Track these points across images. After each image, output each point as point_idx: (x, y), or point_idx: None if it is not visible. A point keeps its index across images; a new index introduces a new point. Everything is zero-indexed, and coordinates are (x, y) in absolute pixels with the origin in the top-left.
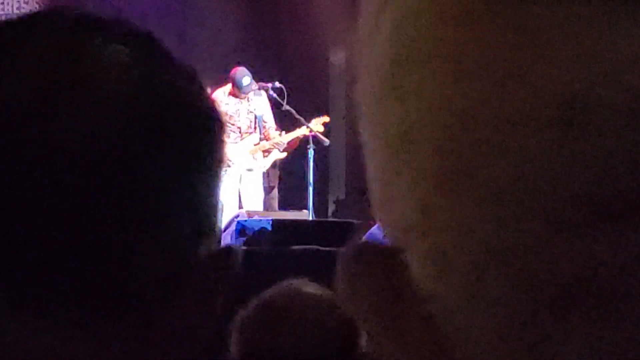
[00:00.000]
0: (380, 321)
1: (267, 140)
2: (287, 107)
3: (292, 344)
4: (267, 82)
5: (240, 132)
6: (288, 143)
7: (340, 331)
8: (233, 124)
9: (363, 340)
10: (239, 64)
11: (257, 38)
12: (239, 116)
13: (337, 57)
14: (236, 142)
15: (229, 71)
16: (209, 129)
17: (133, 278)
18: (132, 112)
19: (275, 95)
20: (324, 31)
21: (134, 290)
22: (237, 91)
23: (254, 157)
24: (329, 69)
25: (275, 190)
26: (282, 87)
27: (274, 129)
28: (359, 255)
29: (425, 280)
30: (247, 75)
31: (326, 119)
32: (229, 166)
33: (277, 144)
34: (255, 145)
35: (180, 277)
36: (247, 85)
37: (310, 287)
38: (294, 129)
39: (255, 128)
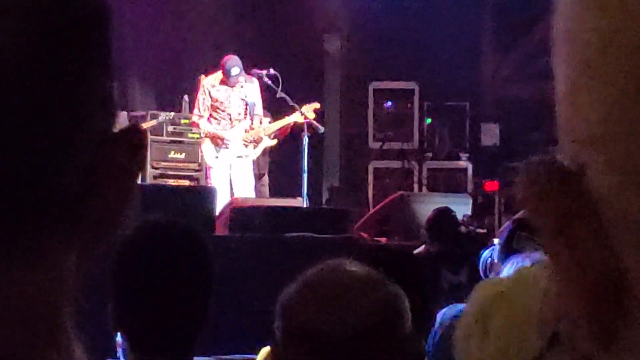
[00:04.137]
0: (556, 223)
1: (250, 129)
2: (282, 94)
3: (336, 322)
4: (262, 69)
5: (230, 119)
6: (278, 130)
7: (385, 310)
8: (223, 111)
9: (408, 319)
10: (234, 52)
11: (252, 25)
12: (229, 103)
13: (332, 45)
14: (226, 129)
15: (222, 58)
16: (104, 19)
17: (56, 177)
18: (29, 14)
19: (269, 82)
20: (319, 19)
21: (59, 188)
22: (227, 79)
23: (244, 144)
24: (323, 57)
25: (266, 177)
26: (277, 74)
27: (258, 119)
28: (541, 171)
29: (606, 190)
30: (237, 65)
31: (317, 105)
32: (226, 147)
33: (256, 137)
34: (246, 132)
35: (97, 163)
36: (235, 75)
37: (353, 266)
38: (287, 116)
39: (246, 115)
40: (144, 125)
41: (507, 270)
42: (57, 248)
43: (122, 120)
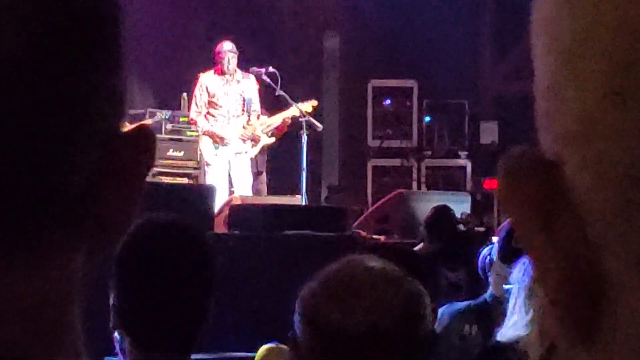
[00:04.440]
0: (535, 218)
1: (248, 125)
2: (281, 92)
3: (360, 318)
4: (261, 67)
5: (227, 115)
6: (276, 128)
7: (406, 306)
8: (221, 107)
9: (429, 316)
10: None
11: (251, 23)
12: (226, 98)
13: (331, 43)
14: (223, 126)
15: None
16: (112, 17)
17: (59, 176)
18: (31, 11)
19: (268, 80)
20: (318, 16)
21: (62, 188)
22: (220, 61)
23: (242, 140)
24: (322, 54)
25: (264, 175)
26: (276, 72)
27: (256, 115)
28: (520, 163)
29: (582, 187)
30: (229, 42)
31: (314, 102)
32: (224, 145)
33: (254, 134)
34: (243, 127)
35: (103, 163)
36: (228, 50)
37: (374, 262)
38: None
39: (243, 111)
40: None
41: (519, 270)
42: (61, 248)
43: None
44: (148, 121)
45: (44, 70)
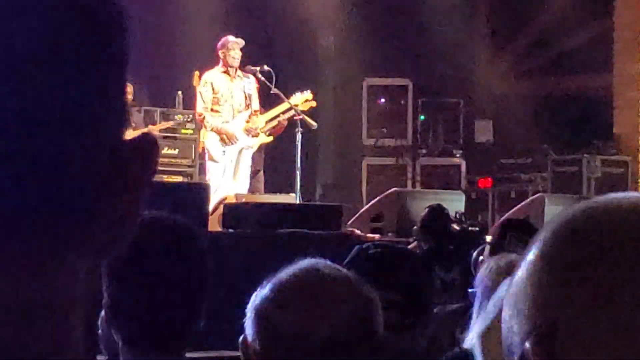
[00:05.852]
0: None
1: (247, 122)
2: (276, 91)
3: (312, 324)
4: (256, 65)
5: (232, 110)
6: (274, 128)
7: (359, 312)
8: (226, 101)
9: (380, 322)
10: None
11: (246, 21)
12: (231, 94)
13: (326, 40)
14: (228, 122)
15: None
16: (120, 25)
17: (73, 182)
18: (49, 20)
19: (263, 78)
20: (313, 15)
21: (71, 194)
22: (228, 54)
23: (246, 134)
24: (317, 53)
25: (261, 173)
26: (271, 70)
27: (254, 112)
28: None
29: None
30: (232, 36)
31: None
32: (233, 143)
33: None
34: (246, 122)
35: (109, 170)
36: (234, 41)
37: (326, 267)
38: (282, 113)
39: (247, 106)
40: (159, 127)
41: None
42: (68, 253)
43: None
44: (169, 123)
45: (55, 75)
